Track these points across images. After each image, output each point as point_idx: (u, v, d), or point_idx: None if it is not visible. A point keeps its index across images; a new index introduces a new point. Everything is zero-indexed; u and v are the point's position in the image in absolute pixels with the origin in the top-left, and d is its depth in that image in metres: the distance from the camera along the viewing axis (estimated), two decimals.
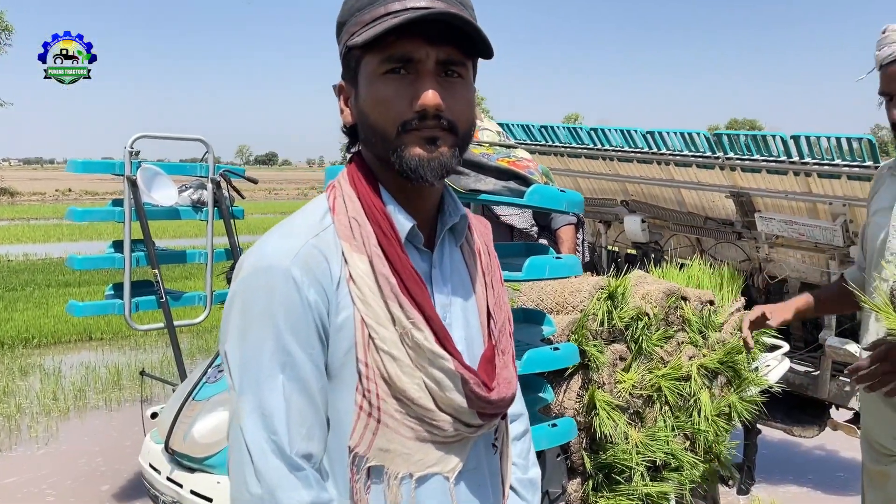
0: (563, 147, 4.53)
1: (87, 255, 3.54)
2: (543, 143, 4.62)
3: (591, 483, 2.42)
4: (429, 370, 0.98)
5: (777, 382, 3.28)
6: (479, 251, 1.15)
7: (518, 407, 1.25)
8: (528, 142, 4.62)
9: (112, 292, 3.60)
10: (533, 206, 1.82)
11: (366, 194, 1.02)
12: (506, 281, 2.22)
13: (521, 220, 3.35)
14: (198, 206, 3.63)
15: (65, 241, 16.92)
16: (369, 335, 0.97)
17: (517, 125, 4.69)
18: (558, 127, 4.49)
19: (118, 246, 3.55)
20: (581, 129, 4.35)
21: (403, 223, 1.02)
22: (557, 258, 1.86)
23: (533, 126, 4.59)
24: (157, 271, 3.39)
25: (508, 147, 1.96)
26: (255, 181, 3.82)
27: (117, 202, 3.53)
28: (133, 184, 3.27)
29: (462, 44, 0.99)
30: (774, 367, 3.23)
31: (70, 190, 40.23)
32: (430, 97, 0.96)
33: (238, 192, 3.73)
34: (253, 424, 0.92)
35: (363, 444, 0.97)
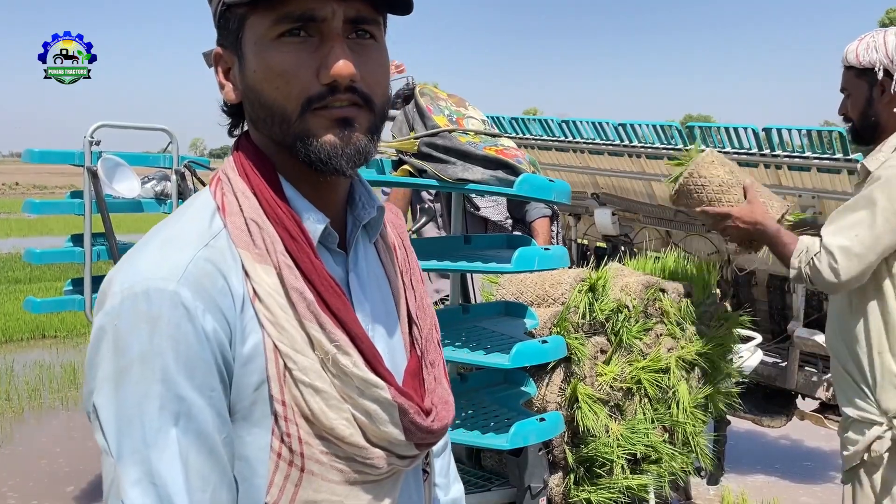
0: (533, 139, 4.51)
1: (45, 249, 3.40)
2: (514, 135, 4.59)
3: (572, 477, 2.39)
4: (358, 401, 0.80)
5: (747, 374, 3.31)
6: (394, 247, 0.99)
7: None
8: (499, 134, 4.59)
9: (71, 288, 3.47)
10: (522, 196, 1.77)
11: (263, 188, 0.82)
12: (495, 273, 2.18)
13: (495, 212, 3.31)
14: (161, 198, 3.51)
15: (13, 237, 16.41)
16: (285, 365, 0.78)
17: (488, 117, 4.65)
18: (529, 119, 4.46)
19: (77, 240, 3.41)
20: (552, 120, 4.33)
21: (315, 223, 0.83)
22: (546, 249, 1.82)
23: (503, 118, 4.56)
24: None
25: (494, 136, 1.91)
26: None
27: (76, 194, 3.39)
28: (94, 175, 3.14)
29: None
30: (747, 357, 3.26)
31: (17, 184, 39.02)
32: (343, 66, 0.77)
33: (203, 183, 3.62)
34: (141, 497, 0.71)
35: (284, 499, 0.79)
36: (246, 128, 0.89)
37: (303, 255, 0.80)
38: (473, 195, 3.15)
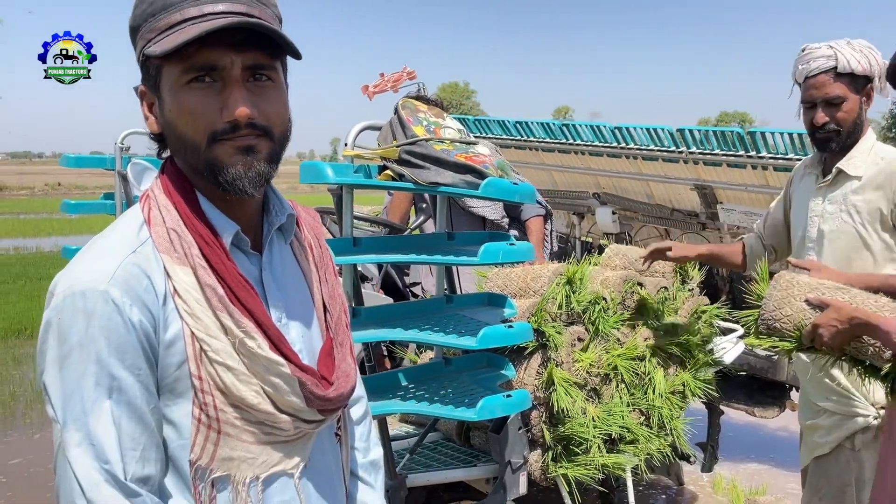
0: (537, 142, 4.72)
1: (81, 246, 3.71)
2: (519, 138, 4.81)
3: (550, 454, 2.60)
4: (265, 376, 0.98)
5: (738, 366, 3.48)
6: (309, 245, 1.15)
7: (358, 391, 1.24)
8: (504, 137, 4.81)
9: None
10: (487, 197, 2.00)
11: (181, 203, 0.99)
12: (462, 266, 2.41)
13: (492, 211, 3.54)
14: None
15: (55, 236, 17.00)
16: (201, 348, 0.95)
17: (494, 121, 4.88)
18: (532, 123, 4.68)
19: None
20: (553, 124, 4.54)
21: (225, 229, 1.00)
22: (511, 244, 2.04)
23: (508, 122, 4.78)
24: None
25: (468, 144, 2.14)
26: None
27: (108, 196, 3.70)
28: (123, 178, 3.43)
29: (268, 47, 0.97)
30: (730, 349, 3.43)
31: (59, 184, 40.13)
32: (241, 110, 0.94)
33: None
34: (82, 455, 0.88)
35: (205, 456, 0.96)
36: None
37: (216, 257, 0.97)
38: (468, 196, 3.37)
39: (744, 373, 4.31)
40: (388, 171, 2.08)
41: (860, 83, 2.19)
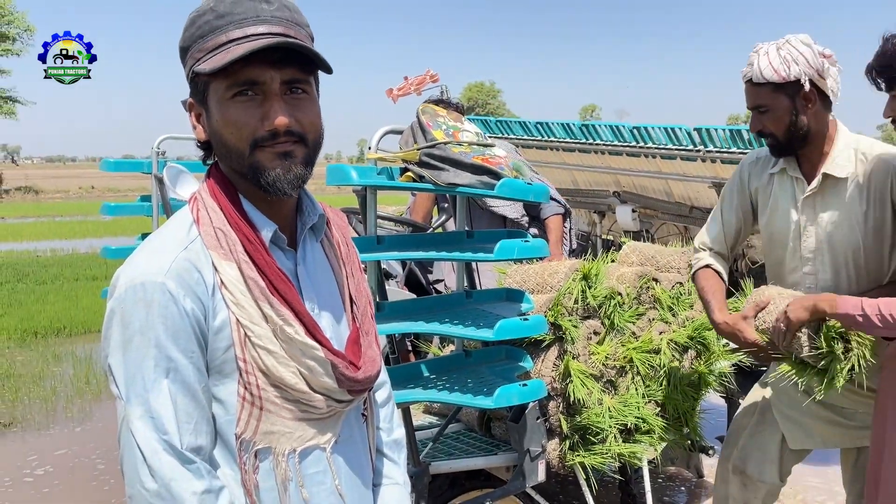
0: (558, 142, 4.81)
1: (119, 246, 3.88)
2: (540, 138, 4.91)
3: (567, 443, 2.70)
4: (301, 360, 1.08)
5: (757, 360, 3.52)
6: (337, 243, 1.25)
7: (381, 377, 1.34)
8: (525, 137, 4.91)
9: None
10: (503, 197, 2.11)
11: (227, 204, 1.10)
12: (480, 262, 2.52)
13: (512, 210, 3.64)
14: None
15: (89, 238, 17.42)
16: (245, 334, 1.06)
17: (515, 122, 4.98)
18: (553, 123, 4.77)
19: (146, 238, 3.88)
20: (573, 124, 4.63)
21: (265, 228, 1.11)
22: (526, 241, 2.15)
23: (529, 123, 4.88)
24: None
25: (485, 146, 2.25)
26: None
27: (145, 198, 3.87)
28: (160, 181, 3.59)
29: (303, 63, 1.08)
30: None
31: (93, 187, 40.94)
32: (280, 120, 1.05)
33: None
34: (143, 427, 1.00)
35: (249, 430, 1.07)
36: (215, 158, 1.17)
37: (257, 253, 1.09)
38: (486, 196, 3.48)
39: (764, 368, 4.36)
40: (409, 173, 2.20)
41: (788, 89, 2.11)
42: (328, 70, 1.12)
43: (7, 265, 12.22)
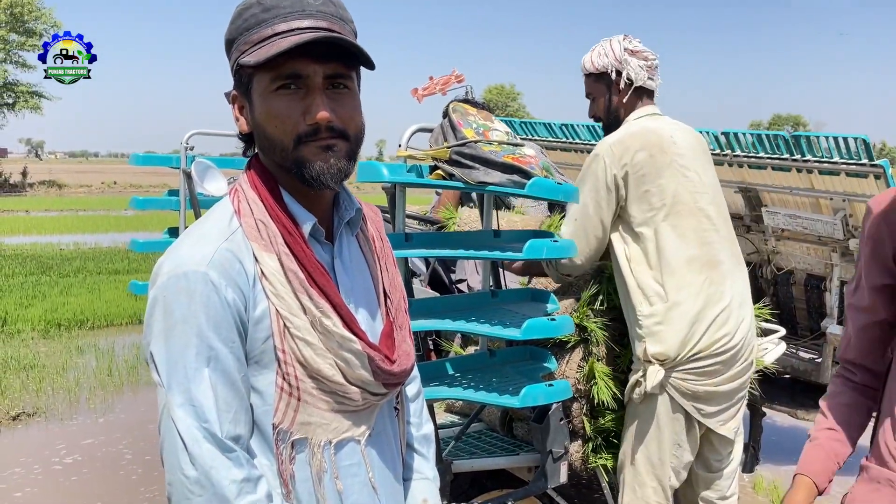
0: (582, 144, 4.80)
1: (147, 240, 3.93)
2: (564, 140, 4.89)
3: (590, 445, 2.70)
4: (338, 352, 1.09)
5: (782, 368, 3.51)
6: (372, 238, 1.26)
7: (413, 372, 1.32)
8: (550, 139, 4.90)
9: None
10: (532, 196, 2.11)
11: (267, 197, 1.11)
12: (508, 261, 2.52)
13: (537, 211, 3.64)
14: None
15: (112, 232, 17.61)
16: (284, 325, 1.06)
17: (540, 123, 4.97)
18: (578, 125, 4.75)
19: (173, 233, 3.92)
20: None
21: (305, 221, 1.11)
22: (554, 241, 2.15)
23: (554, 124, 4.86)
24: None
25: (515, 145, 2.25)
26: None
27: (173, 192, 3.91)
28: (188, 176, 3.62)
29: (346, 58, 1.08)
30: (771, 349, 3.46)
31: (115, 182, 41.37)
32: (322, 114, 1.05)
33: None
34: (184, 414, 1.00)
35: (286, 420, 1.08)
36: (256, 150, 1.17)
37: (296, 245, 1.09)
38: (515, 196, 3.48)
39: (787, 375, 4.32)
40: (439, 171, 2.20)
41: (604, 80, 2.49)
42: (371, 66, 1.12)
43: (31, 257, 12.40)
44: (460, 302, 2.49)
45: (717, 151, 4.07)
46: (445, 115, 2.44)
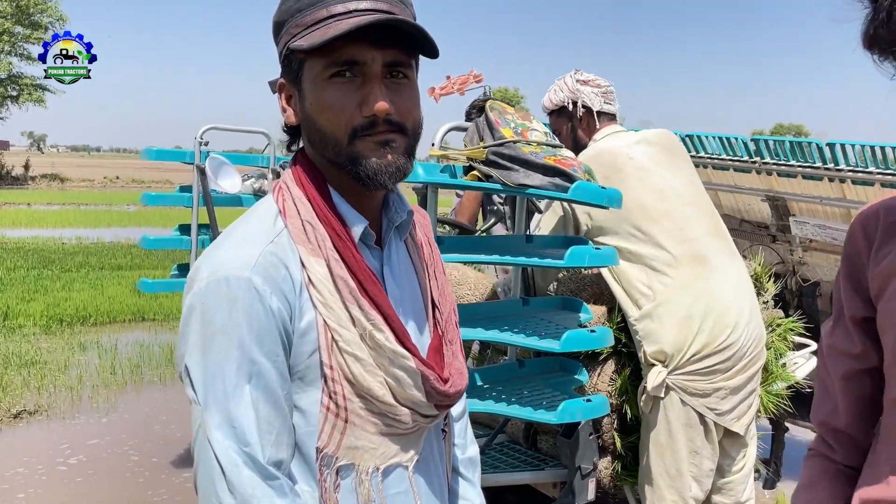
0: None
1: (158, 237, 3.83)
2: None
3: (620, 462, 2.59)
4: (390, 369, 0.99)
5: (805, 381, 3.40)
6: (421, 244, 1.16)
7: None
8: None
9: (177, 272, 3.88)
10: (576, 201, 2.00)
11: (315, 196, 1.01)
12: (549, 268, 2.41)
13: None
14: (259, 194, 3.88)
15: (115, 227, 17.50)
16: (332, 338, 0.96)
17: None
18: None
19: (184, 230, 3.82)
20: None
21: (356, 224, 1.01)
22: (597, 248, 2.04)
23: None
24: None
25: (555, 147, 2.15)
26: None
27: (185, 188, 3.81)
28: (202, 172, 3.52)
29: (406, 45, 0.98)
30: (801, 364, 3.35)
31: (118, 177, 41.27)
32: (380, 105, 0.95)
33: None
34: (222, 437, 0.90)
35: (332, 444, 0.98)
36: (301, 145, 1.07)
37: (347, 250, 0.99)
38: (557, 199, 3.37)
39: (809, 389, 4.21)
40: (475, 172, 2.09)
41: (564, 113, 2.65)
42: (435, 53, 1.01)
43: (33, 251, 12.28)
44: (491, 309, 2.38)
45: (745, 158, 3.96)
46: (480, 112, 2.34)
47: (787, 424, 3.98)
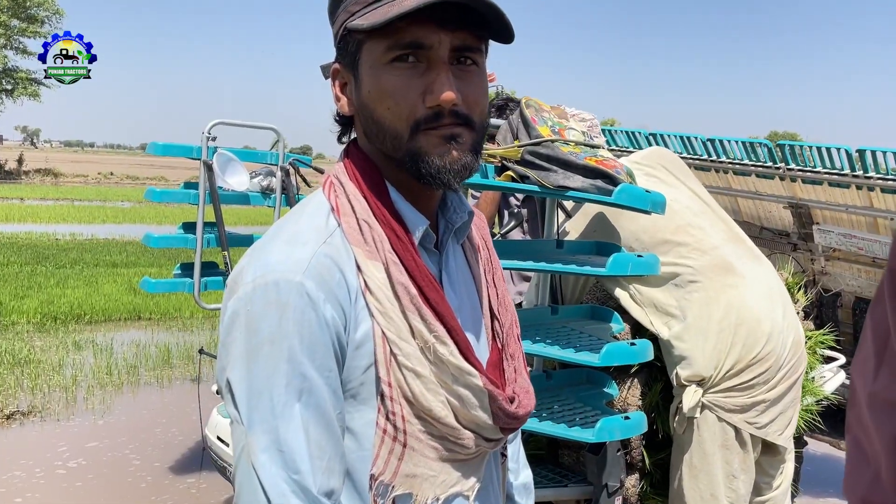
0: (619, 150, 4.57)
1: (162, 234, 3.68)
2: (611, 147, 4.67)
3: (648, 480, 2.47)
4: (452, 387, 0.88)
5: (834, 395, 3.29)
6: (479, 248, 1.06)
7: None
8: None
9: (180, 272, 3.73)
10: (620, 205, 1.88)
11: (371, 192, 0.90)
12: (590, 276, 2.29)
13: None
14: (266, 192, 3.74)
15: (109, 223, 17.33)
16: (391, 351, 0.86)
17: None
18: (618, 131, 4.54)
19: (188, 227, 3.68)
20: (640, 133, 4.39)
21: (417, 224, 0.91)
22: (639, 256, 1.92)
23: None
24: (226, 252, 3.50)
25: (594, 147, 2.03)
26: (321, 171, 3.92)
27: (190, 185, 3.66)
28: (209, 168, 3.39)
29: (476, 27, 0.87)
30: (829, 378, 3.25)
31: (112, 173, 41.00)
32: (447, 94, 0.85)
33: (305, 180, 3.84)
34: (270, 463, 0.79)
35: (388, 471, 0.87)
36: (353, 136, 0.97)
37: (407, 253, 0.88)
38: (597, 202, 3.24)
39: (831, 403, 4.10)
40: (509, 173, 1.97)
41: None
42: (510, 37, 0.89)
43: (26, 247, 12.11)
44: (519, 318, 2.25)
45: (769, 164, 3.85)
46: (500, 109, 2.22)
47: (805, 439, 3.87)
